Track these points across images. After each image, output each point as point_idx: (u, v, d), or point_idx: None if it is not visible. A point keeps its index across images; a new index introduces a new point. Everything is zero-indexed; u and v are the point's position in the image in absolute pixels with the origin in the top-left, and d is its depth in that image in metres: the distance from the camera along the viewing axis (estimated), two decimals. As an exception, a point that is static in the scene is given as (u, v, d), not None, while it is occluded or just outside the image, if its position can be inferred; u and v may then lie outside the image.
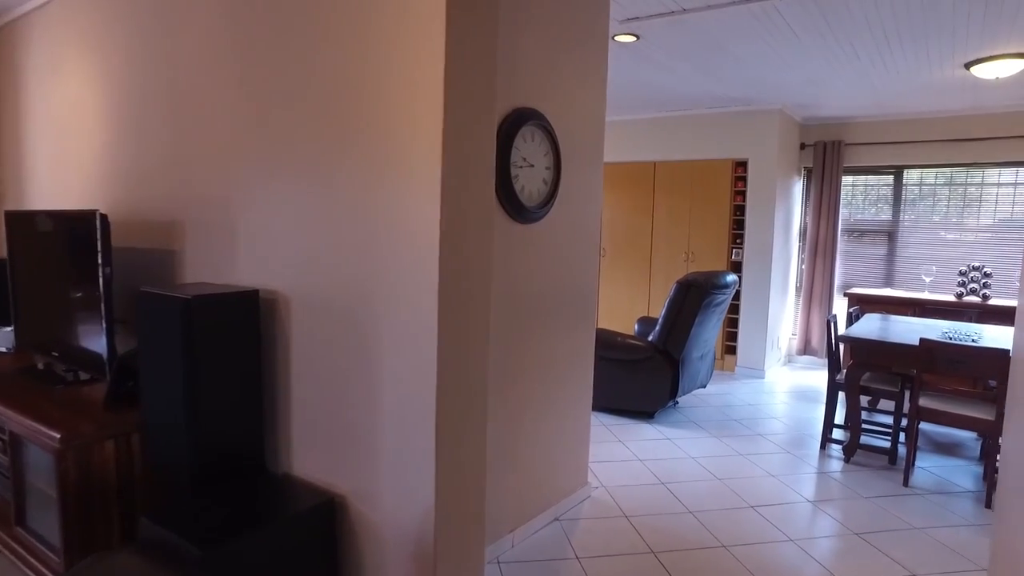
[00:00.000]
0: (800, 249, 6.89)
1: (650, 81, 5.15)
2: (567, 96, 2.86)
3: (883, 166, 6.36)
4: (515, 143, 2.51)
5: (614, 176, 6.83)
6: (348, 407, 2.15)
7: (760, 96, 5.60)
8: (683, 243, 6.45)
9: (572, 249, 3.02)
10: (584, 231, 3.10)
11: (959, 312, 5.38)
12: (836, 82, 4.94)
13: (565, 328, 3.02)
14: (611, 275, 6.93)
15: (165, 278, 2.80)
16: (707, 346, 4.87)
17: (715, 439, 4.37)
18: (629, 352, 4.54)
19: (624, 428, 4.53)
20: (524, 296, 2.70)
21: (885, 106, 5.82)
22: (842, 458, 4.07)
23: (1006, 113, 5.76)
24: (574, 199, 3.00)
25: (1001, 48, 4.09)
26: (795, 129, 6.46)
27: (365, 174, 2.02)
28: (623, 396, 4.69)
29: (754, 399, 5.42)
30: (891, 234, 6.38)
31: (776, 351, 6.51)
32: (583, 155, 3.02)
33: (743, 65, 4.54)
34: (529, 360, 2.78)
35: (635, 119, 6.65)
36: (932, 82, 4.84)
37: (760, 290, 6.13)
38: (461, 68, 1.85)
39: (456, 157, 1.87)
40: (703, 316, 4.46)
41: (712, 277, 4.41)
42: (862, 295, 5.90)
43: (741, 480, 3.67)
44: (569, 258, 3.00)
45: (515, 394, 2.71)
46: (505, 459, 2.70)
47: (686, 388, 4.72)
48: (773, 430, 4.63)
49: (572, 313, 3.07)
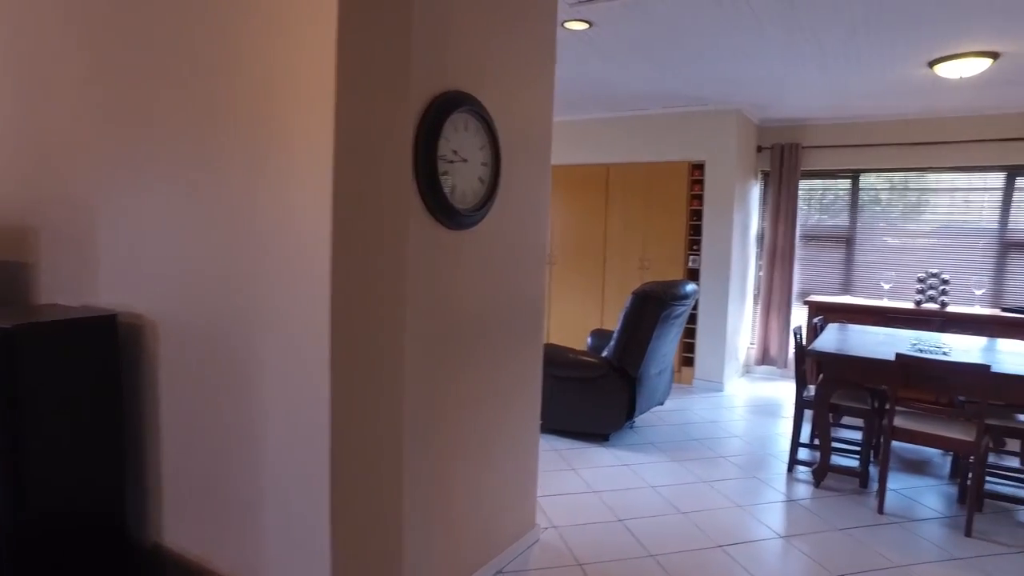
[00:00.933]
0: (758, 256, 6.66)
1: (604, 77, 4.80)
2: (509, 81, 2.45)
3: (840, 170, 6.17)
4: (443, 133, 2.08)
5: (565, 179, 6.47)
6: (227, 463, 1.69)
7: (717, 95, 5.32)
8: (638, 250, 6.13)
9: (515, 258, 2.60)
10: (530, 237, 2.69)
11: (921, 320, 5.19)
12: (797, 80, 4.68)
13: (508, 350, 2.61)
14: (562, 285, 6.56)
15: (11, 298, 2.26)
16: (665, 361, 4.54)
17: (676, 463, 4.02)
18: (581, 370, 4.16)
19: (577, 453, 4.14)
20: (456, 316, 2.27)
21: (843, 108, 5.62)
22: (811, 482, 3.77)
23: (960, 118, 5.64)
24: (518, 201, 2.59)
25: (966, 45, 3.88)
26: (752, 131, 6.23)
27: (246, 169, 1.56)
28: (576, 417, 4.30)
29: (714, 415, 5.11)
30: (848, 240, 6.20)
31: (735, 362, 6.24)
32: (528, 150, 2.61)
33: (702, 60, 4.23)
34: (464, 390, 2.35)
35: (588, 119, 6.31)
36: (894, 81, 4.63)
37: (718, 299, 5.85)
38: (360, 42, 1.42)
39: (353, 148, 1.43)
40: (661, 330, 4.11)
41: (671, 287, 4.07)
42: (822, 303, 5.69)
43: (706, 513, 3.32)
44: (512, 269, 2.59)
45: (447, 432, 2.28)
46: (435, 510, 2.26)
47: (643, 407, 4.36)
48: (736, 450, 4.31)
49: (516, 332, 2.65)
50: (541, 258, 2.79)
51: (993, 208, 5.69)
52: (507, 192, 2.50)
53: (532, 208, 2.68)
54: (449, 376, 2.25)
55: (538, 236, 2.75)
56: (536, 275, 2.76)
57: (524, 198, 2.62)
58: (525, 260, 2.67)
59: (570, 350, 4.28)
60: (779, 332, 6.35)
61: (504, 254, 2.53)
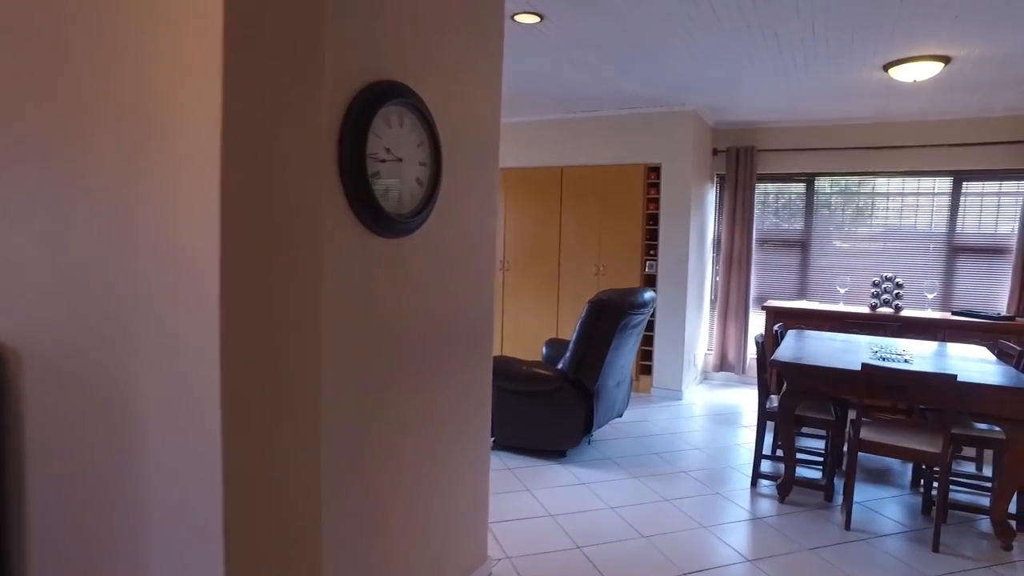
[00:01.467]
0: (714, 260, 6.56)
1: (557, 75, 4.60)
2: (451, 73, 2.21)
3: (795, 173, 6.13)
4: (374, 128, 1.82)
5: (518, 182, 6.26)
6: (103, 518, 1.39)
7: (673, 97, 5.19)
8: (593, 256, 5.95)
9: (461, 267, 2.36)
10: (477, 244, 2.45)
11: (877, 325, 5.15)
12: (753, 81, 4.58)
13: (454, 367, 2.36)
14: (515, 291, 6.34)
15: None
16: (624, 372, 4.35)
17: (636, 480, 3.82)
18: (536, 383, 3.93)
19: (533, 472, 3.91)
20: (395, 332, 2.01)
21: (798, 111, 5.56)
22: (775, 497, 3.62)
23: (912, 123, 5.65)
24: (463, 205, 2.34)
25: (920, 49, 3.82)
26: (708, 134, 6.13)
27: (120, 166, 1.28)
28: (531, 434, 4.07)
29: (673, 426, 4.96)
30: (804, 244, 6.16)
31: (693, 369, 6.12)
32: (474, 149, 2.37)
33: (658, 58, 4.07)
34: (405, 414, 2.09)
35: (541, 120, 6.10)
36: (849, 83, 4.57)
37: (676, 306, 5.71)
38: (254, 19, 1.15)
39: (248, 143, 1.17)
40: (619, 340, 3.92)
41: (629, 295, 3.88)
42: (779, 308, 5.60)
43: (669, 536, 3.12)
44: (458, 279, 2.34)
45: (384, 462, 2.01)
46: (370, 551, 1.99)
47: (602, 421, 4.16)
48: (697, 464, 4.15)
49: (463, 347, 2.40)
50: (490, 266, 2.55)
51: (942, 213, 5.72)
52: (450, 195, 2.25)
53: (479, 212, 2.44)
54: (387, 399, 1.99)
55: (486, 243, 2.51)
56: (484, 285, 2.52)
57: (470, 201, 2.38)
58: (472, 269, 2.43)
59: (523, 362, 4.05)
60: (736, 338, 6.27)
61: (448, 263, 2.28)
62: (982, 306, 5.56)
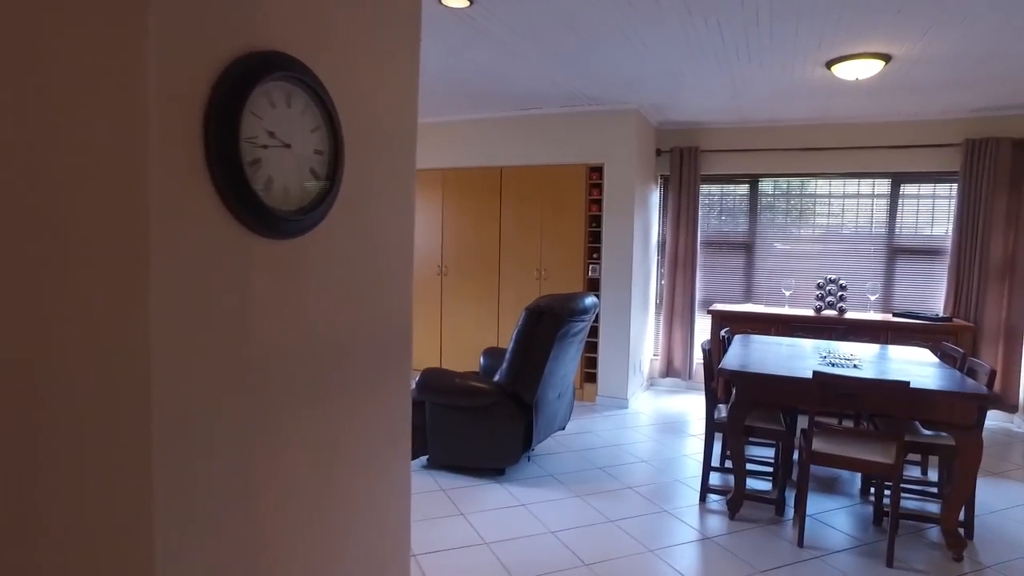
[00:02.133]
0: (659, 263, 6.42)
1: (493, 69, 4.33)
2: (356, 49, 1.90)
3: (739, 175, 6.04)
4: (252, 106, 1.50)
5: (457, 183, 5.97)
6: None
7: (615, 95, 5.00)
8: (535, 259, 5.71)
9: (371, 274, 2.05)
10: (391, 247, 2.14)
11: (823, 329, 5.07)
12: (696, 77, 4.42)
13: (361, 389, 2.04)
14: (454, 298, 6.04)
15: None
16: (565, 383, 4.10)
17: (578, 499, 3.58)
18: (470, 397, 3.64)
19: (468, 493, 3.61)
20: (282, 352, 1.68)
21: (742, 111, 5.46)
22: (725, 512, 3.43)
23: (853, 125, 5.63)
24: (374, 201, 2.03)
25: (862, 46, 3.73)
26: (651, 133, 5.98)
27: None
28: (466, 451, 3.78)
29: (619, 436, 4.74)
30: (748, 246, 6.08)
31: (639, 376, 5.95)
32: (386, 139, 2.07)
33: (596, 48, 3.85)
34: (297, 448, 1.77)
35: (480, 118, 5.83)
36: (793, 81, 4.46)
37: (620, 310, 5.52)
38: None
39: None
40: (559, 349, 3.67)
41: (569, 302, 3.64)
42: (725, 312, 5.49)
43: (614, 564, 2.88)
44: (366, 287, 2.03)
45: (273, 503, 1.68)
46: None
47: (542, 436, 3.91)
48: (643, 478, 3.94)
49: (373, 365, 2.09)
50: (407, 272, 2.24)
51: (881, 214, 5.72)
52: (357, 190, 1.94)
53: (394, 211, 2.14)
54: (272, 431, 1.66)
55: (403, 246, 2.21)
56: (401, 293, 2.21)
57: (382, 198, 2.07)
58: (385, 275, 2.12)
59: (456, 375, 3.76)
60: (683, 343, 6.13)
61: (355, 268, 1.96)
62: (920, 307, 5.57)
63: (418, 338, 6.16)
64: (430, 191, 6.06)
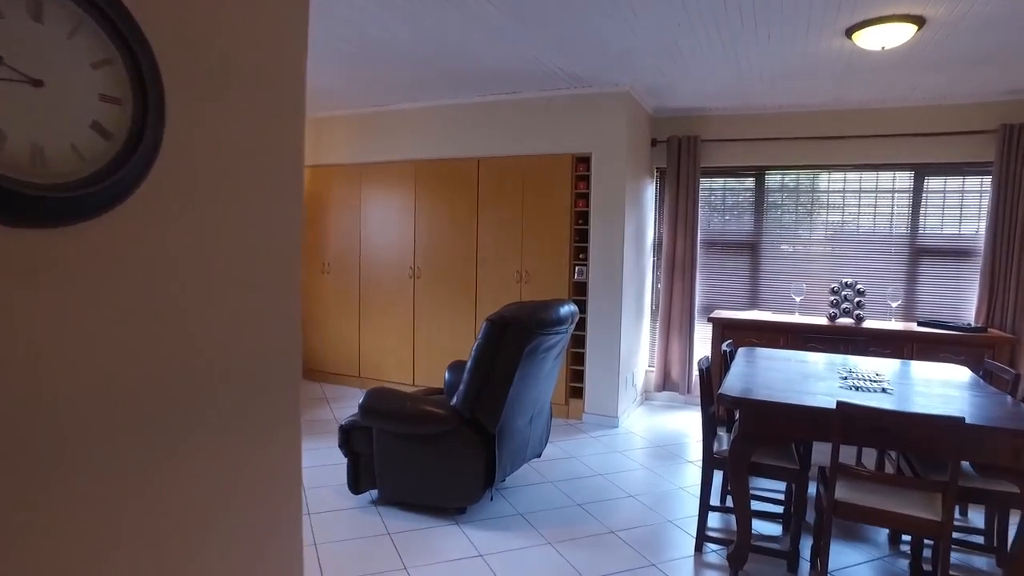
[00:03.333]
0: (655, 266, 5.80)
1: (465, 45, 3.74)
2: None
3: (743, 167, 5.42)
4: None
5: (429, 175, 5.38)
6: None
7: (603, 74, 4.40)
8: (515, 260, 5.10)
9: (220, 276, 1.45)
10: (262, 240, 1.54)
11: (839, 340, 4.46)
12: (695, 53, 3.81)
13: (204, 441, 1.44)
14: (428, 304, 5.44)
15: None
16: (539, 404, 3.50)
17: (549, 548, 2.97)
18: (421, 424, 3.04)
19: (418, 538, 3.01)
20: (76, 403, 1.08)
21: (747, 94, 4.85)
22: (725, 568, 2.82)
23: (871, 110, 5.00)
24: (230, 172, 1.43)
25: (892, 5, 3.12)
26: (646, 121, 5.37)
27: None
28: (420, 486, 3.18)
29: (605, 465, 4.13)
30: (753, 247, 5.46)
31: (631, 390, 5.33)
32: (247, 80, 1.47)
33: (579, 17, 3.25)
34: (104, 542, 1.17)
35: (454, 104, 5.24)
36: (805, 54, 3.85)
37: (610, 318, 4.91)
38: None
39: None
40: (528, 367, 3.06)
41: (540, 311, 3.03)
42: (727, 319, 4.87)
43: (583, 645, 2.27)
44: (214, 296, 1.43)
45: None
46: None
47: (508, 470, 3.30)
48: (631, 519, 3.32)
49: (229, 404, 1.49)
50: (290, 274, 1.64)
51: (903, 211, 5.10)
52: (196, 157, 1.34)
53: (268, 190, 1.54)
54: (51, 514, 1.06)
55: (285, 239, 1.61)
56: (280, 303, 1.61)
57: (247, 171, 1.47)
58: (249, 277, 1.52)
59: (408, 396, 3.16)
60: (681, 353, 5.50)
61: (195, 268, 1.37)
62: (947, 315, 4.95)
63: (389, 349, 5.57)
64: (401, 185, 5.47)
